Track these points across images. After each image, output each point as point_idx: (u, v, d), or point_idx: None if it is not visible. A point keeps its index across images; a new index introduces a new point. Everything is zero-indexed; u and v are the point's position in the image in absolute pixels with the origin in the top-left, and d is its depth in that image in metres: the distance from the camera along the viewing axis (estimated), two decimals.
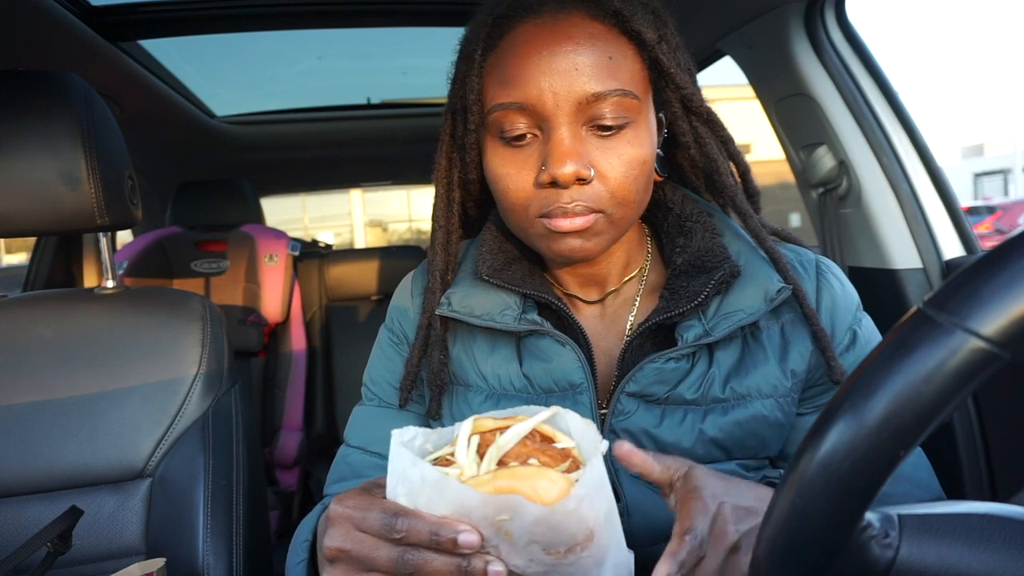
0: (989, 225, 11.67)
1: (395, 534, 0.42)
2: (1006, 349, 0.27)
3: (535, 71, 0.59)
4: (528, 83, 0.59)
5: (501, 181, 0.63)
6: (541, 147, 0.61)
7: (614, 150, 0.61)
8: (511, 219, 0.66)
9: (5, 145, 0.84)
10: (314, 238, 3.56)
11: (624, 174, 0.61)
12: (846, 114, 1.18)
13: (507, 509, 0.40)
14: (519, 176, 0.62)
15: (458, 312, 0.69)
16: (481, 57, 0.64)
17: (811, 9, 1.15)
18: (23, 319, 0.94)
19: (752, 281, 0.66)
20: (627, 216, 0.64)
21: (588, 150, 0.60)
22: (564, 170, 0.58)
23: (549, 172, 0.59)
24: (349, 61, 2.19)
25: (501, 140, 0.63)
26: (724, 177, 0.71)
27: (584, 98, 0.59)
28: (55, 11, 1.17)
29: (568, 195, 0.60)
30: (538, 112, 0.60)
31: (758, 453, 0.68)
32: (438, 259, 0.73)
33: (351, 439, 0.79)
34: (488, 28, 0.63)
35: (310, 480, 2.32)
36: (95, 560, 0.87)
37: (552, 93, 0.59)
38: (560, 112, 0.59)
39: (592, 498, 0.42)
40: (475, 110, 0.65)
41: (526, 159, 0.62)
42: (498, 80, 0.62)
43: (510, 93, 0.60)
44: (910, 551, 0.32)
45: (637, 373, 0.64)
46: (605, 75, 0.59)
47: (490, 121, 0.63)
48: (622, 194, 0.61)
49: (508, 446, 0.45)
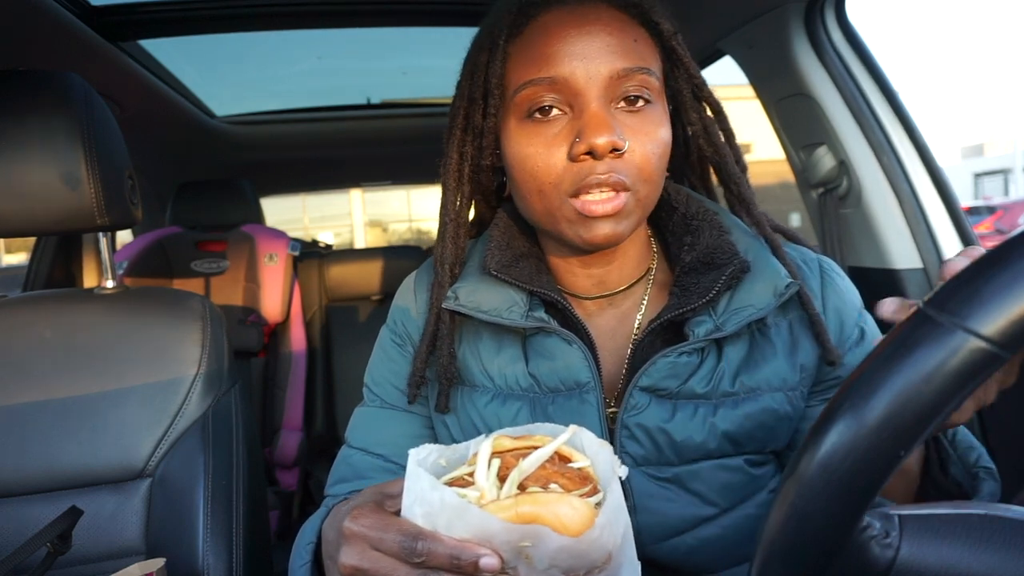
0: (989, 225, 11.66)
1: (415, 557, 0.42)
2: (1006, 349, 0.27)
3: (566, 50, 0.61)
4: (559, 61, 0.61)
5: (528, 160, 0.64)
6: (571, 123, 0.62)
7: (641, 127, 0.62)
8: (538, 203, 0.65)
9: (5, 145, 0.84)
10: (314, 238, 3.55)
11: (651, 151, 0.62)
12: (846, 114, 1.18)
13: (530, 537, 0.41)
14: (548, 153, 0.62)
15: (465, 306, 0.69)
16: (505, 43, 0.65)
17: (811, 9, 1.15)
18: (23, 319, 0.94)
19: (761, 277, 0.66)
20: (650, 196, 0.64)
21: (619, 124, 0.62)
22: (601, 139, 0.59)
23: (586, 142, 0.59)
24: (349, 61, 2.19)
25: (528, 119, 0.64)
26: (731, 167, 0.72)
27: (614, 73, 0.61)
28: (55, 11, 1.17)
29: (603, 166, 0.60)
30: (570, 87, 0.61)
31: (766, 446, 0.68)
32: (447, 252, 0.73)
33: (353, 440, 0.79)
34: (513, 16, 0.65)
35: (310, 480, 2.32)
36: (95, 560, 0.87)
37: (584, 69, 0.61)
38: (592, 86, 0.61)
39: (612, 524, 0.42)
40: (496, 93, 0.66)
41: (555, 136, 0.63)
42: (526, 61, 0.63)
43: (541, 69, 0.62)
44: (910, 551, 0.32)
45: (650, 367, 0.65)
46: (632, 54, 0.62)
47: (517, 101, 0.64)
48: (648, 170, 0.62)
49: (530, 470, 0.45)
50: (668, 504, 0.65)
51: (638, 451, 0.66)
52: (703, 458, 0.66)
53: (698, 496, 0.66)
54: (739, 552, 0.67)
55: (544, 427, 0.50)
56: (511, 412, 0.69)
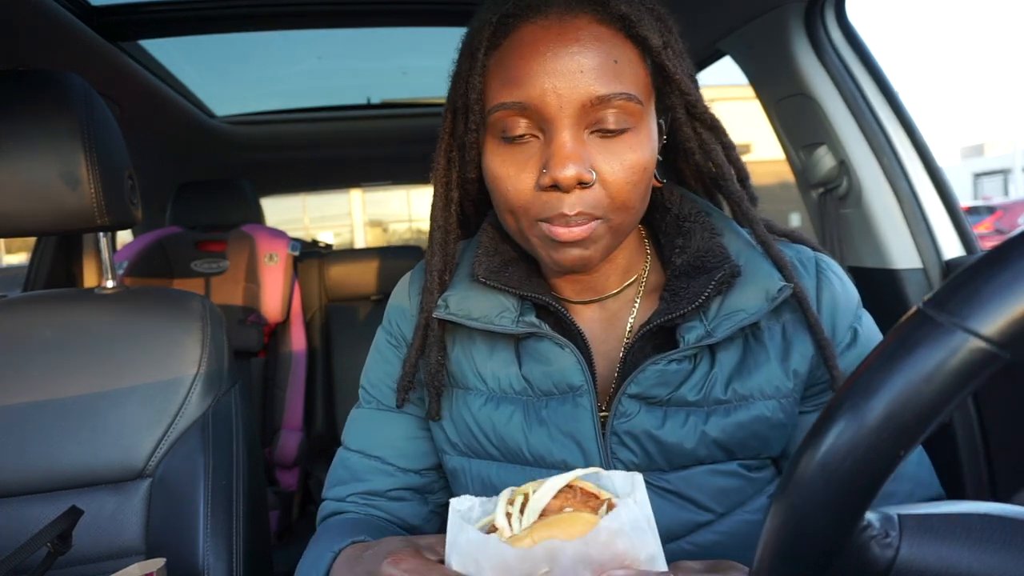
0: (989, 225, 11.65)
1: None
2: (1006, 349, 0.27)
3: (539, 71, 0.58)
4: (531, 83, 0.58)
5: (501, 182, 0.62)
6: (542, 149, 0.60)
7: (616, 154, 0.59)
8: (511, 222, 0.65)
9: (5, 145, 0.84)
10: (314, 238, 3.55)
11: (625, 179, 0.60)
12: (846, 114, 1.18)
13: (545, 559, 0.42)
14: (519, 178, 0.61)
15: (455, 315, 0.69)
16: (484, 56, 0.62)
17: (811, 9, 1.15)
18: (23, 319, 0.94)
19: (753, 281, 0.65)
20: (626, 222, 0.63)
21: (590, 153, 0.59)
22: (566, 173, 0.57)
23: (551, 175, 0.58)
24: (349, 61, 2.19)
25: (502, 140, 0.62)
26: (731, 184, 0.70)
27: (588, 100, 0.58)
28: (55, 11, 1.17)
29: (569, 201, 0.59)
30: (541, 113, 0.59)
31: (760, 453, 0.67)
32: (436, 259, 0.73)
33: (350, 443, 0.78)
34: (492, 27, 0.62)
35: (310, 480, 2.32)
36: (95, 560, 0.87)
37: (556, 95, 0.58)
38: (563, 114, 0.58)
39: (629, 536, 0.42)
40: (476, 109, 0.64)
41: (526, 160, 0.61)
42: (501, 80, 0.61)
43: (512, 93, 0.59)
44: (910, 551, 0.32)
45: (639, 375, 0.64)
46: (610, 78, 0.58)
47: (491, 121, 0.62)
48: (622, 199, 0.60)
49: (544, 500, 0.46)
50: (662, 510, 0.64)
51: (629, 458, 0.66)
52: (694, 464, 0.66)
53: (692, 502, 0.66)
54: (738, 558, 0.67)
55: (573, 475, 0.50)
56: (505, 415, 0.69)
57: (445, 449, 0.74)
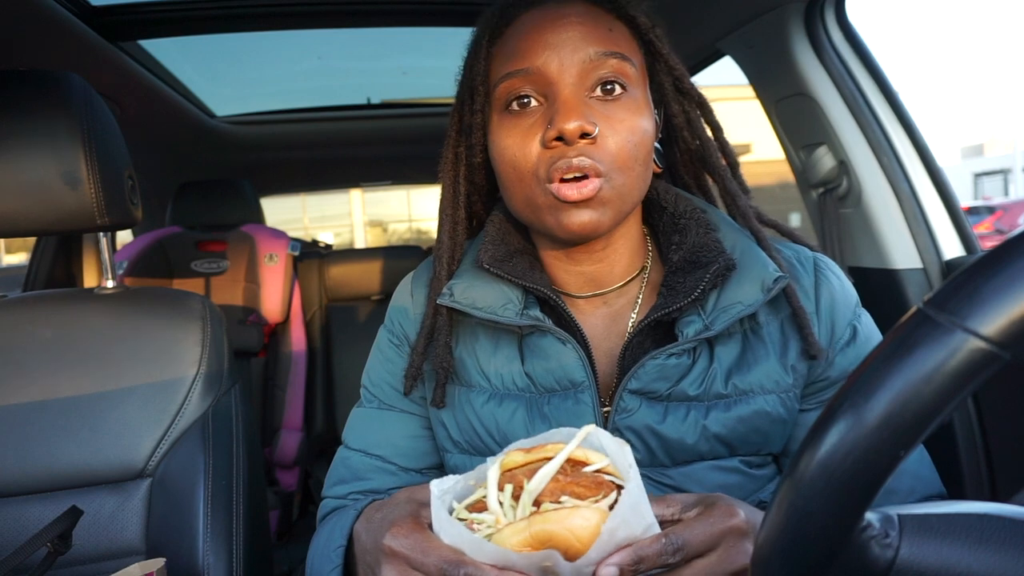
0: (989, 225, 11.65)
1: None
2: (1006, 349, 0.27)
3: (540, 42, 0.64)
4: (533, 53, 0.63)
5: (507, 151, 0.65)
6: (546, 112, 0.64)
7: (615, 115, 0.63)
8: (519, 192, 0.66)
9: (5, 145, 0.84)
10: (314, 238, 3.56)
11: (625, 138, 0.63)
12: (846, 114, 1.18)
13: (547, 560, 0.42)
14: (524, 143, 0.64)
15: (460, 303, 0.69)
16: (488, 43, 0.68)
17: (811, 9, 1.15)
18: (23, 319, 0.94)
19: (749, 273, 0.66)
20: (628, 186, 0.64)
21: (592, 112, 0.62)
22: (570, 124, 0.60)
23: (556, 127, 0.61)
24: (349, 61, 2.19)
25: (507, 112, 0.66)
26: (715, 158, 0.73)
27: (587, 59, 0.62)
28: (55, 11, 1.17)
29: (574, 151, 0.61)
30: (544, 76, 0.63)
31: (761, 449, 0.68)
32: (444, 247, 0.74)
33: (351, 442, 0.79)
34: (496, 19, 0.68)
35: (310, 480, 2.32)
36: (95, 560, 0.87)
37: (557, 59, 0.63)
38: (565, 75, 0.62)
39: (627, 519, 0.43)
40: (481, 91, 0.68)
41: (531, 126, 0.64)
42: (504, 57, 0.66)
43: (516, 63, 0.64)
44: (910, 551, 0.32)
45: (639, 370, 0.65)
46: (606, 40, 0.64)
47: (496, 95, 0.66)
48: (623, 158, 0.63)
49: (539, 488, 0.46)
50: None
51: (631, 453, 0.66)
52: (696, 460, 0.66)
53: None
54: None
55: (559, 432, 0.51)
56: (508, 412, 0.69)
57: (447, 447, 0.74)
